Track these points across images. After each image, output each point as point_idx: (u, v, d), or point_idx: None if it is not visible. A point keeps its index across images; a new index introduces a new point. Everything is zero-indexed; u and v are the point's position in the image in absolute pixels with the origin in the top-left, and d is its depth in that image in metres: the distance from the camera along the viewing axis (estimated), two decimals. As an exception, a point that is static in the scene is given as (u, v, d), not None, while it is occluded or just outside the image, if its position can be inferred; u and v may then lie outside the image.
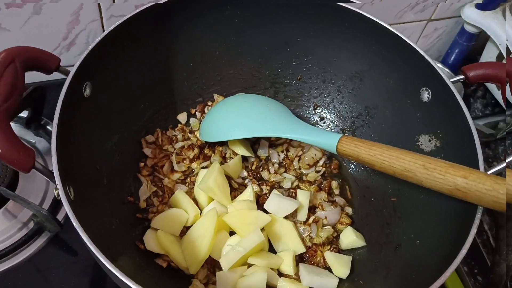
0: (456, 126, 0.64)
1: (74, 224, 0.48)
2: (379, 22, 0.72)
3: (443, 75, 0.66)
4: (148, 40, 0.72)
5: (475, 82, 0.66)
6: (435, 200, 0.63)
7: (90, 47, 0.62)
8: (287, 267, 0.65)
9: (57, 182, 0.50)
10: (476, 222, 0.54)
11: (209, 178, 0.68)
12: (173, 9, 0.72)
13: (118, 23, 0.66)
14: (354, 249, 0.72)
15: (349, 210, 0.77)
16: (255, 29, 0.80)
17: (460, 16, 1.14)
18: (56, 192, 0.51)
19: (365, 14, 0.72)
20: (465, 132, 0.62)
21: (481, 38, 1.17)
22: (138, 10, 0.67)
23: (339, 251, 0.72)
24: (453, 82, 0.66)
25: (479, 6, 1.09)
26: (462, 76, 0.67)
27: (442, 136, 0.67)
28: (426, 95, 0.69)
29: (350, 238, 0.72)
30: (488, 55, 1.14)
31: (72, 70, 0.59)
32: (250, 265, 0.65)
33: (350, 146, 0.63)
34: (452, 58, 1.21)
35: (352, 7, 0.73)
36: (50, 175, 0.52)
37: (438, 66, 0.68)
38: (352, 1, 0.72)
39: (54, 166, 0.51)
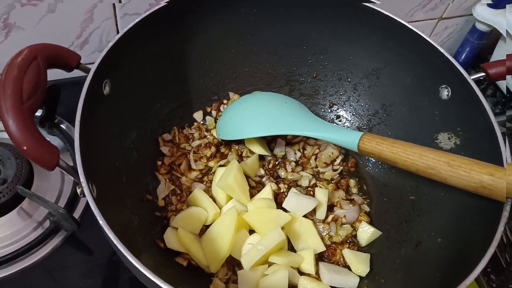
0: (477, 123, 0.64)
1: (101, 222, 0.48)
2: (396, 18, 0.72)
3: (464, 73, 0.65)
4: (164, 39, 0.72)
5: (495, 79, 0.66)
6: (456, 197, 0.63)
7: (110, 44, 0.61)
8: (308, 265, 0.65)
9: (81, 180, 0.50)
10: (503, 219, 0.53)
11: (229, 176, 0.67)
12: (189, 7, 0.72)
13: (136, 21, 0.65)
14: (373, 246, 0.72)
15: (367, 208, 0.77)
16: (271, 27, 0.79)
17: (471, 14, 1.14)
18: (80, 189, 0.51)
19: (382, 10, 0.72)
20: (487, 129, 0.62)
21: (492, 36, 1.16)
22: (154, 8, 0.67)
23: (359, 249, 0.72)
24: (473, 80, 0.65)
25: (491, 5, 1.09)
26: (483, 74, 0.66)
27: (462, 134, 0.67)
28: (445, 93, 0.69)
29: (368, 231, 0.72)
30: (500, 53, 1.14)
31: (93, 67, 0.59)
32: (270, 264, 0.65)
33: (372, 143, 0.63)
34: (463, 56, 1.21)
35: (369, 4, 0.72)
36: (73, 173, 0.51)
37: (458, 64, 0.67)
38: (372, 1, 0.72)
39: (78, 164, 0.51)
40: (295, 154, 0.81)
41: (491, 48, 1.18)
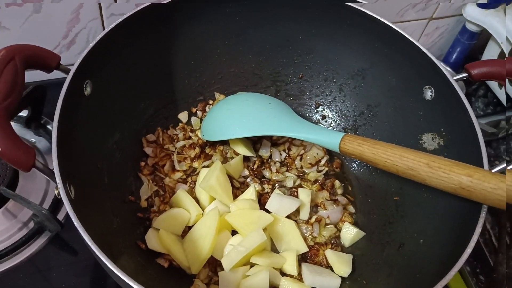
0: (460, 125, 0.64)
1: (75, 223, 0.48)
2: (382, 20, 0.71)
3: (446, 73, 0.65)
4: (149, 38, 0.72)
5: (478, 80, 0.66)
6: (439, 199, 0.63)
7: (91, 45, 0.61)
8: (290, 267, 0.65)
9: (57, 181, 0.50)
10: (481, 221, 0.53)
11: (211, 177, 0.67)
12: (174, 7, 0.71)
13: (118, 21, 0.65)
14: (356, 247, 0.72)
15: (351, 209, 0.76)
16: (256, 27, 0.79)
17: (461, 14, 1.13)
18: (57, 191, 0.51)
19: (367, 12, 0.72)
20: (469, 131, 0.62)
21: (483, 37, 1.16)
22: (138, 8, 0.67)
23: (342, 250, 0.71)
24: (456, 80, 0.65)
25: (481, 5, 1.08)
26: (466, 74, 0.66)
27: (445, 135, 0.67)
28: (429, 93, 0.69)
29: (351, 232, 0.72)
30: (490, 53, 1.14)
31: (73, 69, 0.58)
32: (252, 265, 0.65)
33: (353, 144, 0.63)
34: (454, 56, 1.21)
35: (354, 5, 0.72)
36: (50, 174, 0.51)
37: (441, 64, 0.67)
38: (359, 1, 0.72)
39: (54, 165, 0.50)
40: (280, 154, 0.81)
41: (482, 49, 1.18)
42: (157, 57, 0.75)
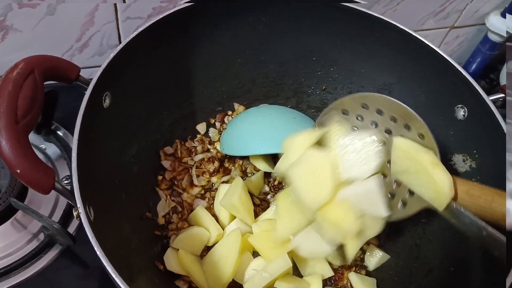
0: (494, 147, 0.61)
1: (98, 252, 0.45)
2: (412, 33, 0.68)
3: (482, 93, 0.62)
4: (168, 48, 0.69)
5: (515, 102, 0.63)
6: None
7: (111, 55, 0.58)
8: None
9: (78, 205, 0.47)
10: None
11: (233, 196, 0.64)
12: (195, 15, 0.68)
13: (138, 30, 0.62)
14: (381, 271, 0.69)
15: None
16: (279, 37, 0.76)
17: (483, 24, 1.11)
18: (76, 213, 0.48)
19: (396, 24, 0.69)
20: (504, 153, 0.59)
21: (504, 47, 1.13)
22: (159, 17, 0.64)
23: (366, 273, 0.69)
24: (492, 101, 0.62)
25: (504, 14, 1.05)
26: (502, 95, 0.63)
27: (478, 157, 0.64)
28: (461, 113, 0.66)
29: (377, 255, 0.69)
30: None
31: (93, 80, 0.55)
32: (275, 289, 0.62)
33: None
34: (474, 66, 1.18)
35: (381, 16, 0.69)
36: (70, 196, 0.48)
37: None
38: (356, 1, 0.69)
39: (75, 187, 0.48)
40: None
41: (502, 59, 1.15)
42: (176, 66, 0.72)
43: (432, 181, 0.53)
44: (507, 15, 1.04)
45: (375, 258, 0.69)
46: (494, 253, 0.50)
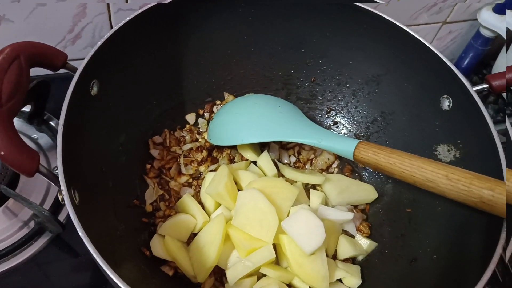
0: (478, 137, 0.62)
1: (80, 234, 0.45)
2: (399, 24, 0.69)
3: (466, 84, 0.63)
4: (158, 37, 0.69)
5: (499, 92, 0.64)
6: (454, 213, 0.61)
7: (99, 43, 0.59)
8: (300, 282, 0.62)
9: (62, 188, 0.48)
10: (502, 239, 0.51)
11: (219, 184, 0.65)
12: (185, 6, 0.69)
13: (127, 19, 0.63)
14: (367, 259, 0.70)
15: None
16: (269, 28, 0.77)
17: (476, 19, 1.11)
18: (61, 197, 0.49)
19: (384, 16, 0.70)
20: (488, 144, 0.59)
21: (496, 43, 1.14)
22: (148, 6, 0.64)
23: (353, 262, 0.70)
24: (476, 91, 0.63)
25: (496, 10, 1.06)
26: (486, 85, 0.64)
27: (462, 147, 0.65)
28: (446, 103, 0.66)
29: (364, 243, 0.70)
30: (503, 60, 1.11)
31: (80, 68, 0.56)
32: (258, 276, 0.62)
33: (368, 153, 0.61)
34: (466, 62, 1.18)
35: (370, 8, 0.70)
36: (54, 179, 0.49)
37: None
38: (374, 1, 0.69)
39: (59, 171, 0.48)
40: (289, 158, 0.78)
41: (494, 55, 1.16)
42: (165, 56, 0.73)
43: None
44: (507, 11, 1.04)
45: (364, 245, 0.70)
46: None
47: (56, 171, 0.75)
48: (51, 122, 0.82)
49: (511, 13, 1.02)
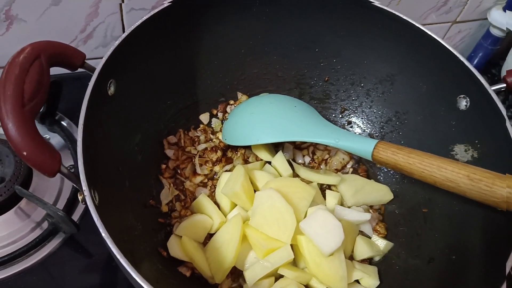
0: (496, 137, 0.61)
1: (103, 234, 0.45)
2: (414, 23, 0.69)
3: (484, 83, 0.63)
4: (172, 37, 0.69)
5: (515, 90, 0.64)
6: (472, 212, 0.61)
7: (116, 42, 0.59)
8: (318, 283, 0.62)
9: (83, 188, 0.47)
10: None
11: (236, 184, 0.65)
12: (199, 6, 0.69)
13: (144, 18, 0.62)
14: (384, 260, 0.69)
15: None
16: (283, 28, 0.76)
17: (486, 18, 1.11)
18: (81, 197, 0.48)
19: (399, 14, 0.69)
20: (506, 143, 0.59)
21: (506, 42, 1.13)
22: (162, 7, 0.64)
23: (370, 262, 0.69)
24: (494, 91, 0.63)
25: (506, 7, 1.06)
26: (504, 85, 0.64)
27: (480, 147, 0.64)
28: (463, 103, 0.66)
29: (380, 244, 0.70)
30: (513, 59, 1.11)
31: (98, 67, 0.56)
32: (276, 276, 0.62)
33: (387, 153, 0.60)
34: (476, 61, 1.18)
35: (385, 7, 0.70)
36: (76, 180, 0.49)
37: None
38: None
39: (80, 171, 0.48)
40: (304, 158, 0.78)
41: (504, 54, 1.15)
42: (180, 56, 0.73)
43: None
44: (507, 12, 1.04)
45: (381, 246, 0.69)
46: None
47: (72, 170, 0.75)
48: (62, 122, 0.82)
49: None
